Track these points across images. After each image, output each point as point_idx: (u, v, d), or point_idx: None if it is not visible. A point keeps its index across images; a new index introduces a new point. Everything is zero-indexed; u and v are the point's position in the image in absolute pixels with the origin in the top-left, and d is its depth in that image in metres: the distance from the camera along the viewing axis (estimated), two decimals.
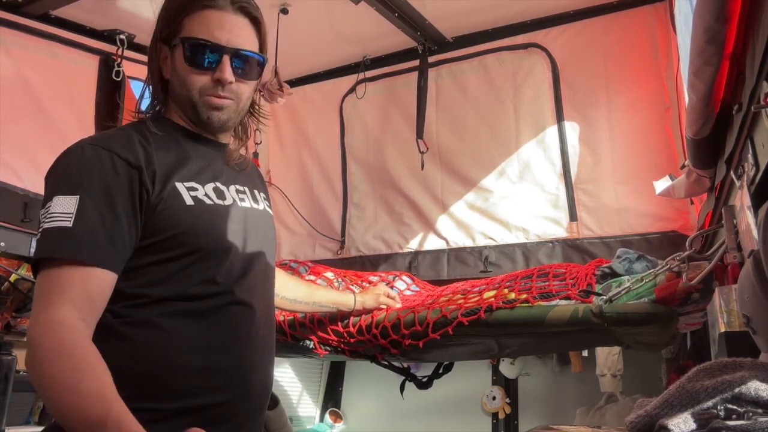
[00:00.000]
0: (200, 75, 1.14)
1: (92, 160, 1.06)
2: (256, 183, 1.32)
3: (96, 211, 1.02)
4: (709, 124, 1.34)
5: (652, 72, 2.36)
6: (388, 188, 2.89)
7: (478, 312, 1.66)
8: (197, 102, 1.15)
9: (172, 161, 1.13)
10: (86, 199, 1.02)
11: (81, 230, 1.01)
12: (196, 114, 1.17)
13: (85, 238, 1.01)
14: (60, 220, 1.01)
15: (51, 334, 0.95)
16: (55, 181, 1.06)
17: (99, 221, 1.02)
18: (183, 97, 1.16)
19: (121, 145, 1.09)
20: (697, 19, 1.11)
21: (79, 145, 1.09)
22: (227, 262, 1.14)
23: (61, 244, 1.00)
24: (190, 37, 1.12)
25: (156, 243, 1.08)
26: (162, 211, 1.08)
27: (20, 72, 2.36)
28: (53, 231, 1.00)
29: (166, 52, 1.18)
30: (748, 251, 1.07)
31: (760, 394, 0.75)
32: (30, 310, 2.54)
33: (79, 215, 1.01)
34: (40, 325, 0.96)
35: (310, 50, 2.86)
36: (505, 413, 2.94)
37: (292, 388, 3.29)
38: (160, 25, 1.18)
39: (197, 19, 1.13)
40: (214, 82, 1.13)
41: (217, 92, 1.14)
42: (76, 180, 1.04)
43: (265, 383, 1.21)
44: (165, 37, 1.17)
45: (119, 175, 1.06)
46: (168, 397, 1.06)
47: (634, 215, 2.37)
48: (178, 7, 1.16)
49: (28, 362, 0.96)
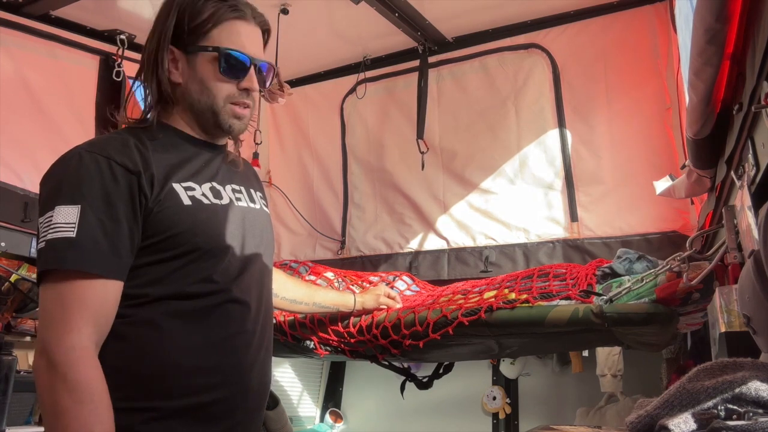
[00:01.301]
0: (226, 83, 1.17)
1: (91, 168, 1.06)
2: (252, 182, 1.33)
3: (98, 220, 1.03)
4: (710, 124, 1.34)
5: (652, 72, 2.36)
6: (388, 188, 2.89)
7: (478, 312, 1.66)
8: (220, 110, 1.17)
9: (169, 164, 1.13)
10: (87, 208, 1.03)
11: (85, 241, 1.01)
12: (215, 121, 1.18)
13: (90, 248, 1.01)
14: (63, 230, 1.01)
15: (78, 365, 0.98)
16: (55, 190, 1.06)
17: (101, 230, 1.03)
18: (202, 103, 1.17)
19: (118, 152, 1.09)
20: (697, 19, 1.11)
21: (76, 152, 1.09)
22: (224, 260, 1.14)
23: (68, 255, 1.00)
24: (229, 48, 1.15)
25: (155, 243, 1.09)
26: (160, 212, 1.09)
27: (21, 72, 2.36)
28: (58, 242, 1.01)
29: (179, 56, 1.17)
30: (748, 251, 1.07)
31: (761, 394, 0.75)
32: (30, 310, 2.55)
33: (82, 225, 1.02)
34: (67, 351, 0.98)
35: (311, 50, 2.86)
36: (505, 413, 2.94)
37: (293, 388, 3.29)
38: (171, 29, 1.16)
39: (227, 30, 1.16)
40: (240, 90, 1.17)
41: (243, 100, 1.18)
42: (77, 189, 1.04)
43: (263, 381, 1.22)
44: (182, 43, 1.16)
45: (118, 182, 1.06)
46: (167, 396, 1.06)
47: (634, 215, 2.37)
48: (197, 13, 1.16)
49: (45, 380, 0.98)
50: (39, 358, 1.00)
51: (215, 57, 1.15)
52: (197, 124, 1.21)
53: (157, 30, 1.19)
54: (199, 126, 1.21)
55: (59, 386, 0.97)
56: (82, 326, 1.00)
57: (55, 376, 0.97)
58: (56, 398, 0.97)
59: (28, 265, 2.47)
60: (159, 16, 1.20)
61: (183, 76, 1.18)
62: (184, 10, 1.16)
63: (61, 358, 0.98)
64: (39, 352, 1.00)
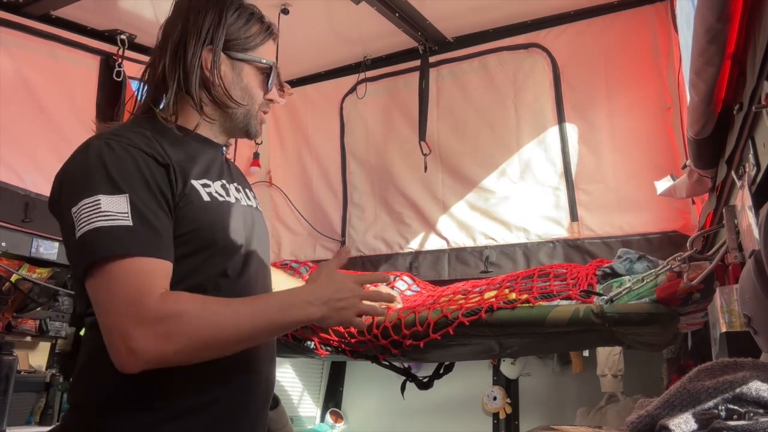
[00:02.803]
0: (261, 91, 1.27)
1: (125, 157, 1.06)
2: (243, 181, 1.35)
3: (147, 209, 1.03)
4: (711, 124, 1.34)
5: (653, 72, 2.36)
6: (388, 188, 2.89)
7: (478, 312, 1.66)
8: (254, 114, 1.27)
9: (183, 159, 1.14)
10: (134, 197, 1.03)
11: (143, 228, 1.01)
12: (246, 123, 1.26)
13: (148, 235, 1.02)
14: (118, 219, 1.00)
15: (179, 298, 1.01)
16: (90, 178, 1.04)
17: (154, 217, 1.03)
18: (241, 106, 1.24)
19: (144, 143, 1.09)
20: (698, 19, 1.11)
21: (102, 142, 1.08)
22: (235, 256, 1.16)
23: (131, 241, 0.99)
24: (274, 63, 1.28)
25: (177, 237, 1.09)
26: (184, 206, 1.10)
27: (21, 72, 2.36)
28: (115, 230, 0.99)
29: (222, 59, 1.21)
30: (749, 251, 1.07)
31: (761, 395, 0.75)
32: (30, 310, 2.55)
33: (134, 214, 1.01)
34: (158, 302, 0.97)
35: (311, 50, 2.86)
36: (505, 413, 2.94)
37: (293, 388, 3.29)
38: (222, 33, 1.20)
39: (268, 46, 1.28)
40: (266, 100, 1.28)
41: (268, 108, 1.31)
42: (117, 178, 1.03)
43: (268, 379, 1.22)
44: (228, 48, 1.22)
45: (153, 173, 1.07)
46: (174, 396, 1.06)
47: (635, 215, 2.37)
48: (247, 26, 1.24)
49: (185, 341, 0.98)
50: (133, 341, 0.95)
51: (264, 69, 1.26)
52: (219, 122, 1.24)
53: (197, 26, 1.20)
54: (221, 125, 1.25)
55: (202, 328, 1.00)
56: (160, 288, 0.99)
57: (186, 326, 0.98)
58: (214, 324, 1.01)
59: (29, 265, 2.47)
60: (196, 12, 1.21)
61: (224, 78, 1.21)
62: (234, 19, 1.23)
63: (165, 307, 0.97)
64: (121, 337, 0.95)
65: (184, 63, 1.18)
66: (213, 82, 1.20)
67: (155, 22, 2.44)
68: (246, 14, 1.25)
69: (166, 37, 1.22)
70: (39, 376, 2.61)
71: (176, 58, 1.19)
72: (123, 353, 0.96)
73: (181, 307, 0.99)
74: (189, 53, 1.18)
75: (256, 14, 1.27)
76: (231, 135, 1.29)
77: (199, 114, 1.21)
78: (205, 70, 1.19)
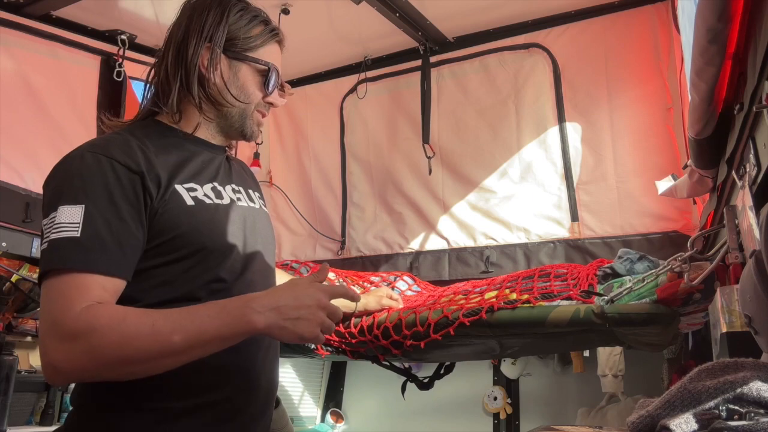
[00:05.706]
0: (259, 92, 1.25)
1: (93, 168, 1.06)
2: (249, 182, 1.34)
3: (102, 219, 1.02)
4: (712, 124, 1.34)
5: (653, 72, 2.36)
6: (388, 188, 2.89)
7: (479, 312, 1.66)
8: (249, 114, 1.25)
9: (172, 164, 1.14)
10: (91, 207, 1.02)
11: (89, 240, 1.00)
12: (241, 123, 1.25)
13: (94, 247, 1.00)
14: (67, 230, 1.00)
15: (98, 311, 0.97)
16: (58, 190, 1.05)
17: (106, 229, 1.02)
18: (236, 105, 1.23)
19: (120, 151, 1.09)
20: (699, 19, 1.11)
21: (78, 153, 1.09)
22: (230, 259, 1.15)
23: (72, 255, 0.99)
24: (274, 65, 1.25)
25: (160, 245, 1.08)
26: (164, 213, 1.09)
27: (22, 72, 2.36)
28: (62, 242, 1.00)
29: (220, 58, 1.20)
30: (749, 251, 1.07)
31: (762, 395, 0.75)
32: (31, 310, 2.55)
33: (86, 224, 1.01)
34: (77, 316, 0.95)
35: (311, 50, 2.86)
36: (506, 413, 2.94)
37: (294, 388, 3.29)
38: (223, 32, 1.20)
39: (271, 48, 1.26)
40: (265, 102, 1.27)
41: (266, 110, 1.29)
42: (80, 189, 1.04)
43: (271, 379, 1.22)
44: (227, 47, 1.21)
45: (122, 182, 1.06)
46: (176, 396, 1.07)
47: (635, 215, 2.37)
48: (248, 27, 1.23)
49: (100, 348, 0.95)
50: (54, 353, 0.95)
51: (262, 71, 1.24)
52: (216, 122, 1.24)
53: (199, 24, 1.20)
54: (218, 124, 1.24)
55: (115, 343, 0.95)
56: (85, 300, 0.98)
57: (99, 341, 0.94)
58: (129, 338, 0.96)
59: (29, 265, 2.47)
60: (200, 12, 1.21)
61: (221, 77, 1.21)
62: (237, 20, 1.22)
63: (80, 324, 0.95)
64: (44, 353, 0.96)
65: (186, 61, 1.19)
66: (209, 78, 1.20)
67: (155, 22, 2.44)
68: (249, 15, 1.24)
69: (170, 38, 1.23)
70: (39, 376, 2.61)
71: (179, 56, 1.20)
72: (47, 369, 0.96)
73: (96, 323, 0.95)
74: (190, 51, 1.19)
75: (260, 16, 1.26)
76: (228, 136, 1.28)
77: (199, 112, 1.21)
78: (202, 67, 1.20)
